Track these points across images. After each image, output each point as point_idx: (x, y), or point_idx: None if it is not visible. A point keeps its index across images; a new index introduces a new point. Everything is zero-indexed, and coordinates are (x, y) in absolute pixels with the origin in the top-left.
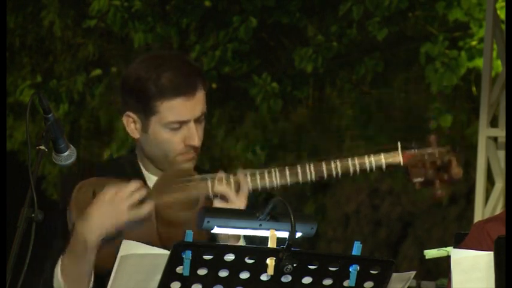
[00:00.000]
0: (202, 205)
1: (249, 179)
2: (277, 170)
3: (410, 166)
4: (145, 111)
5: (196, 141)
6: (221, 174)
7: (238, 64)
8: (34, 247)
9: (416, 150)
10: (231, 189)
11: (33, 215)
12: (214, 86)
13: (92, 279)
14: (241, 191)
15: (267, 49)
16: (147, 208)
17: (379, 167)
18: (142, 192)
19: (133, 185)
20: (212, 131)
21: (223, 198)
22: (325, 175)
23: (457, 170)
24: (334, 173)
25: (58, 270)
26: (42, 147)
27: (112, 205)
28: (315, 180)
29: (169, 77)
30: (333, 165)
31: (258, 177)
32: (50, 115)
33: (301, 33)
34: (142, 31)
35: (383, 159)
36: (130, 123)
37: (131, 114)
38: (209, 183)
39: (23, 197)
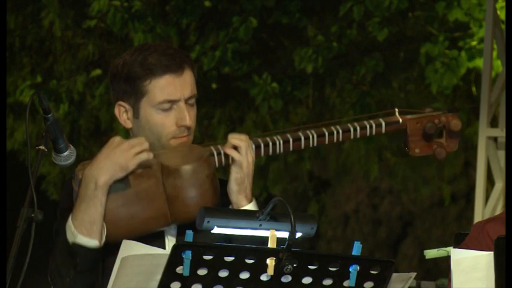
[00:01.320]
0: (205, 158)
1: (253, 146)
2: (280, 138)
3: (409, 125)
4: (136, 94)
5: (188, 120)
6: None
7: (239, 64)
8: (34, 247)
9: (413, 114)
10: (246, 141)
11: (33, 215)
12: (214, 86)
13: (105, 230)
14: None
15: (267, 49)
16: (151, 155)
17: (378, 127)
18: (146, 143)
19: (140, 138)
20: (212, 131)
21: (236, 148)
22: (327, 135)
23: (455, 121)
24: (334, 132)
25: (70, 222)
26: (42, 147)
27: (119, 150)
28: (316, 143)
29: (156, 56)
30: (333, 127)
31: (262, 145)
32: (49, 115)
33: (301, 33)
34: (142, 31)
35: (382, 121)
36: (123, 113)
37: (122, 103)
38: (212, 148)
39: (23, 197)
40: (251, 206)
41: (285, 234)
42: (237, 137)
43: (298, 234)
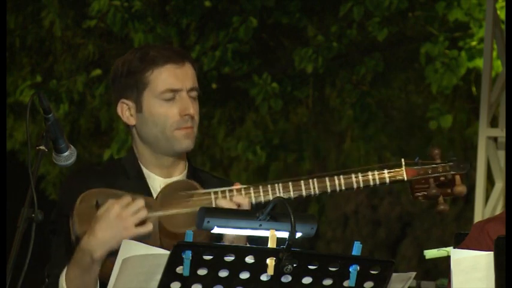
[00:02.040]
0: None
1: (252, 193)
2: (280, 185)
3: (414, 182)
4: (137, 86)
5: (192, 109)
6: (223, 191)
7: (239, 64)
8: (34, 247)
9: (419, 166)
10: (232, 205)
11: (33, 215)
12: (214, 86)
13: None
14: (242, 208)
15: (267, 49)
16: (150, 226)
17: (382, 183)
18: (144, 212)
19: (138, 203)
20: (212, 131)
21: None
22: (329, 190)
23: (460, 188)
24: (338, 189)
25: (63, 281)
26: (42, 147)
27: (118, 222)
28: (318, 195)
29: (156, 50)
30: (336, 181)
31: (261, 191)
32: (50, 115)
33: (301, 33)
34: (142, 31)
35: (387, 175)
36: (125, 110)
37: (124, 100)
38: (212, 196)
39: (23, 197)
40: None
41: (285, 234)
42: (225, 200)
43: (298, 234)
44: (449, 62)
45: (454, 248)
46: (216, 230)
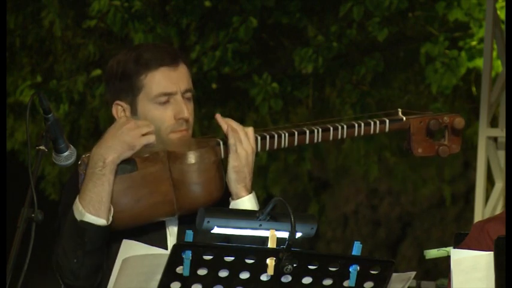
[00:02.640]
0: (212, 146)
1: (259, 139)
2: (285, 131)
3: (412, 125)
4: (132, 90)
5: (186, 112)
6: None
7: (239, 64)
8: (34, 247)
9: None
10: (242, 129)
11: (33, 215)
12: (214, 86)
13: (112, 209)
14: (250, 137)
15: (267, 49)
16: (153, 137)
17: (382, 124)
18: (152, 125)
19: (145, 121)
20: (212, 131)
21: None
22: (331, 135)
23: (458, 119)
24: (339, 130)
25: (77, 202)
26: (42, 147)
27: (127, 130)
28: (321, 139)
29: (150, 52)
30: (338, 124)
31: (268, 138)
32: (50, 115)
33: (301, 33)
34: (142, 31)
35: (386, 118)
36: (120, 112)
37: (119, 102)
38: (218, 139)
39: (23, 197)
40: (250, 198)
41: (285, 234)
42: (236, 123)
43: (298, 234)
44: (449, 62)
45: (454, 248)
46: (216, 230)
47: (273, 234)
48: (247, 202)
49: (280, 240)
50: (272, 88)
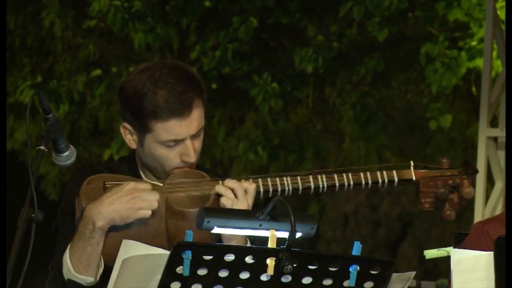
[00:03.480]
0: (212, 201)
1: (260, 183)
2: (289, 178)
3: (422, 183)
4: (141, 128)
5: (192, 157)
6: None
7: (239, 64)
8: (34, 247)
9: (428, 170)
10: (240, 187)
11: (33, 215)
12: (214, 86)
13: (102, 266)
14: (248, 193)
15: (267, 49)
16: (149, 213)
17: (390, 180)
18: (155, 203)
19: (154, 192)
20: (213, 132)
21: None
22: (337, 186)
23: (468, 190)
24: (346, 184)
25: (67, 257)
26: (42, 147)
27: (127, 199)
28: (326, 190)
29: (165, 96)
30: (345, 177)
31: (269, 182)
32: (50, 115)
33: (301, 33)
34: (142, 31)
35: (395, 174)
36: (127, 134)
37: (127, 126)
38: (220, 183)
39: (23, 197)
40: None
41: (285, 234)
42: (233, 181)
43: (298, 234)
44: (449, 62)
45: (454, 248)
46: (216, 230)
47: (273, 234)
48: None
49: (280, 240)
50: (272, 88)
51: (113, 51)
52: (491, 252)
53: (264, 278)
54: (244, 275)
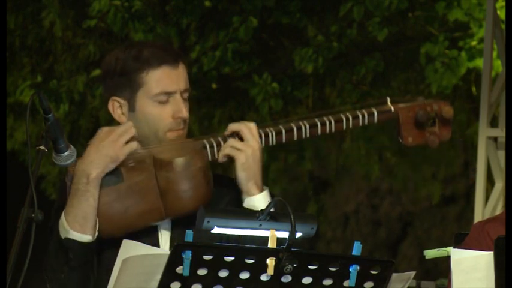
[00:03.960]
0: (198, 151)
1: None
2: (272, 129)
3: (401, 114)
4: (131, 86)
5: (185, 112)
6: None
7: (239, 64)
8: (34, 247)
9: (406, 103)
10: (245, 127)
11: (33, 215)
12: (214, 86)
13: (97, 224)
14: (254, 133)
15: (267, 49)
16: (135, 144)
17: (371, 116)
18: (133, 130)
19: (127, 124)
20: (213, 132)
21: (239, 136)
22: (319, 125)
23: (447, 108)
24: (327, 122)
25: (63, 218)
26: (42, 147)
27: (109, 141)
28: (309, 134)
29: (150, 50)
30: (325, 118)
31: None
32: (50, 115)
33: (301, 33)
34: (142, 31)
35: (374, 110)
36: (117, 108)
37: (116, 98)
38: (205, 141)
39: (23, 197)
40: (263, 196)
41: (285, 234)
42: (238, 124)
43: (298, 234)
44: (449, 62)
45: (454, 248)
46: (216, 230)
47: (273, 234)
48: (262, 200)
49: (280, 240)
50: (272, 88)
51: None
52: (491, 252)
53: (264, 278)
54: (244, 275)
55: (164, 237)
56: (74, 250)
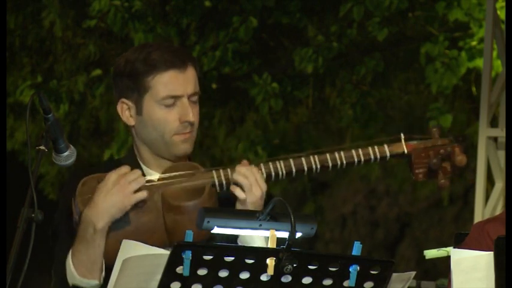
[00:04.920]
0: (207, 193)
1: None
2: (281, 161)
3: (414, 155)
4: (138, 90)
5: (191, 116)
6: (224, 168)
7: (239, 64)
8: (34, 247)
9: (419, 141)
10: (252, 174)
11: (33, 215)
12: (214, 86)
13: (104, 269)
14: (259, 179)
15: (267, 49)
16: (145, 193)
17: (383, 157)
18: (142, 179)
19: (135, 171)
20: (213, 132)
21: (241, 185)
22: (330, 165)
23: (460, 157)
24: (338, 162)
25: (69, 261)
26: (42, 147)
27: (117, 189)
28: (320, 171)
29: (159, 53)
30: (337, 155)
31: (263, 168)
32: (50, 115)
33: (301, 33)
34: (142, 31)
35: (387, 149)
36: (125, 110)
37: (125, 100)
38: (214, 173)
39: (23, 197)
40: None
41: (285, 234)
42: (242, 173)
43: (298, 234)
44: (449, 62)
45: (454, 248)
46: (216, 230)
47: (273, 234)
48: (256, 239)
49: (280, 240)
50: (272, 88)
51: (113, 51)
52: (491, 252)
53: (264, 278)
54: (244, 275)
55: None
56: None
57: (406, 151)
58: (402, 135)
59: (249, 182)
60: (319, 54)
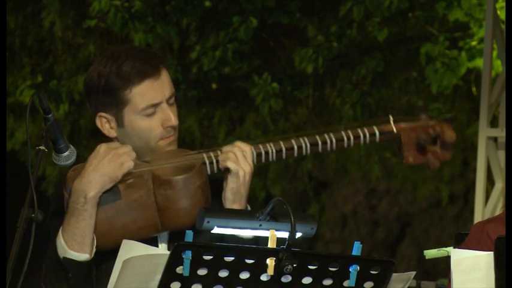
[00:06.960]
0: (197, 169)
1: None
2: (273, 147)
3: (403, 135)
4: (117, 104)
5: (173, 120)
6: (214, 149)
7: (239, 64)
8: (34, 247)
9: (408, 122)
10: (239, 150)
11: (33, 215)
12: (214, 86)
13: (95, 243)
14: (247, 155)
15: (267, 49)
16: (132, 163)
17: (372, 135)
18: (133, 153)
19: (126, 146)
20: (213, 132)
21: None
22: (320, 144)
23: (450, 133)
24: (328, 142)
25: (60, 237)
26: (42, 147)
27: (107, 160)
28: (310, 151)
29: (130, 63)
30: (326, 135)
31: (253, 148)
32: (50, 115)
33: (301, 33)
34: (142, 31)
35: (376, 130)
36: (105, 124)
37: (103, 114)
38: (204, 155)
39: (23, 197)
40: None
41: (285, 234)
42: (230, 148)
43: (298, 234)
44: (449, 62)
45: (454, 248)
46: (216, 230)
47: (273, 234)
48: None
49: (280, 240)
50: (272, 88)
51: None
52: (491, 252)
53: (264, 278)
54: (244, 275)
55: (162, 238)
56: (73, 270)
57: (395, 130)
58: (391, 116)
59: (237, 157)
60: (319, 54)
